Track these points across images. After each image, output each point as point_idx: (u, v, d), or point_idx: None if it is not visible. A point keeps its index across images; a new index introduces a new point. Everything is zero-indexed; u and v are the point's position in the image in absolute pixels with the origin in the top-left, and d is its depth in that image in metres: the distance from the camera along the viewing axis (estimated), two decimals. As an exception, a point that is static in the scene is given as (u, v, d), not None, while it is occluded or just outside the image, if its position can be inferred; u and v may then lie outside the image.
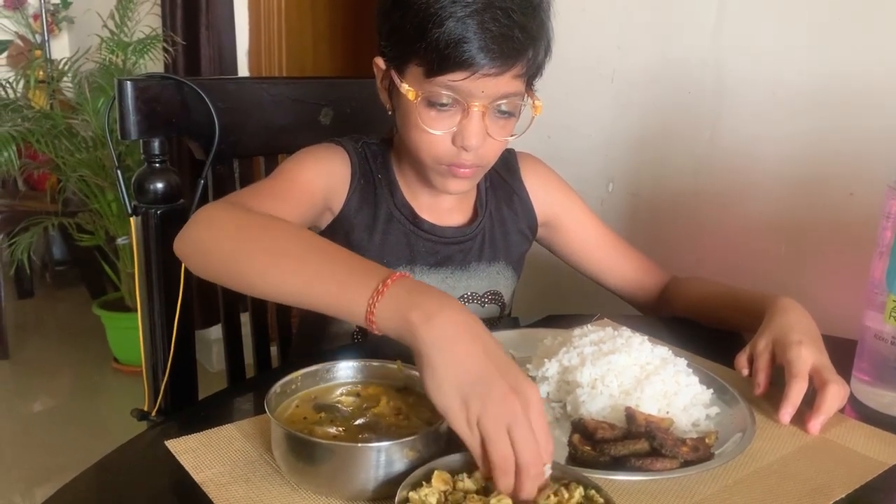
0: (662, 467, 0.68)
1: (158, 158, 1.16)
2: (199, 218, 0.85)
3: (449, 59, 0.88)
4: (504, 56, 0.88)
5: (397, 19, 0.92)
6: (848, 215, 1.26)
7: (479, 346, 0.64)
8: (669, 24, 1.51)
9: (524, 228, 1.18)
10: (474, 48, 0.87)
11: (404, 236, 1.08)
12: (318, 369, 0.75)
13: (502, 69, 0.89)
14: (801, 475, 0.71)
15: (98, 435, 2.51)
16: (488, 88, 0.90)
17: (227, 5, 2.89)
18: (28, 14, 3.89)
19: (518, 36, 0.89)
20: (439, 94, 0.91)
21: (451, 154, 0.95)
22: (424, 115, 0.93)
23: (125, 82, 1.12)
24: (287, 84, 1.36)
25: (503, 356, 0.65)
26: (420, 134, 0.95)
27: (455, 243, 1.11)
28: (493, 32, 0.87)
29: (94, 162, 2.76)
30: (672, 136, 1.54)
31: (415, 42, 0.90)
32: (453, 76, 0.89)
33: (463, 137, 0.93)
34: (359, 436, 0.67)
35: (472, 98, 0.91)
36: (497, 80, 0.90)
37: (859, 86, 1.24)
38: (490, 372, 0.62)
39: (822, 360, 0.83)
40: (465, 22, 0.86)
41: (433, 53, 0.88)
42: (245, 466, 0.69)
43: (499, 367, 0.63)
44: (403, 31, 0.91)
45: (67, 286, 3.84)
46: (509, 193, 1.17)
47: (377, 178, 1.09)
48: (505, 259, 1.16)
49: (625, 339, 0.85)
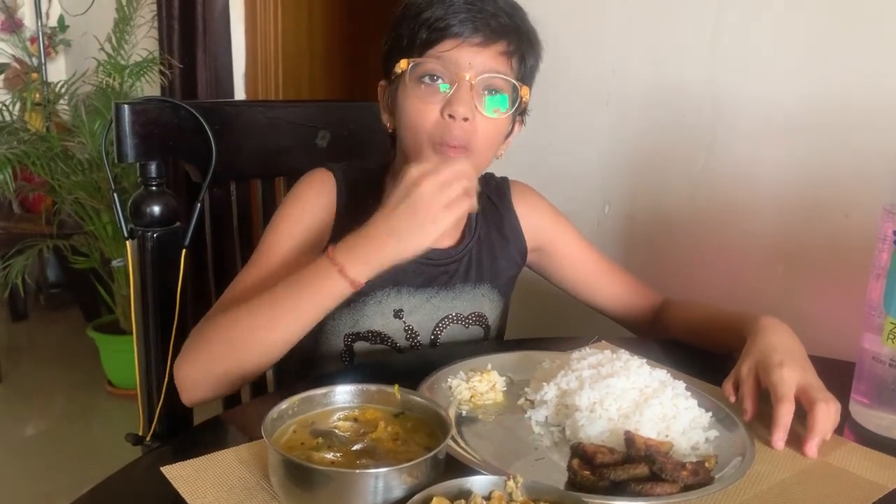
0: (663, 492, 0.68)
1: (155, 181, 1.16)
2: (184, 361, 0.95)
3: (436, 31, 0.96)
4: (488, 28, 0.97)
5: (393, 34, 1.02)
6: (844, 237, 1.26)
7: (397, 210, 0.88)
8: (665, 48, 1.53)
9: (514, 254, 1.19)
10: (460, 18, 0.96)
11: None
12: (314, 394, 0.74)
13: (487, 40, 0.97)
14: (802, 499, 0.71)
15: (91, 459, 2.48)
16: (475, 60, 0.97)
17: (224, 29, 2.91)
18: (25, 37, 3.91)
19: (502, 17, 0.98)
20: (429, 64, 0.97)
21: (439, 128, 0.98)
22: (415, 88, 0.99)
23: (122, 106, 1.12)
24: (284, 107, 1.37)
25: (398, 192, 0.89)
26: (411, 108, 0.99)
27: (440, 265, 1.12)
28: (478, 7, 0.97)
29: (89, 184, 2.76)
30: (668, 159, 1.55)
31: (408, 36, 0.99)
32: (442, 46, 0.96)
33: (450, 104, 0.96)
34: (357, 461, 0.67)
35: (460, 68, 0.96)
36: (483, 51, 0.97)
37: (855, 108, 1.25)
38: (409, 199, 0.87)
39: (806, 378, 0.83)
40: (452, 1, 0.97)
41: (423, 32, 0.97)
42: (242, 493, 0.68)
43: (405, 195, 0.88)
44: (398, 35, 1.01)
45: (61, 308, 3.82)
46: (500, 220, 1.19)
47: (368, 200, 1.08)
48: (490, 282, 1.16)
49: (623, 362, 0.85)
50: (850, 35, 1.25)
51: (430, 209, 0.86)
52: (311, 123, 1.33)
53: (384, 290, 1.09)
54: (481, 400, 0.87)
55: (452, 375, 0.90)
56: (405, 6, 1.01)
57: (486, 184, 1.19)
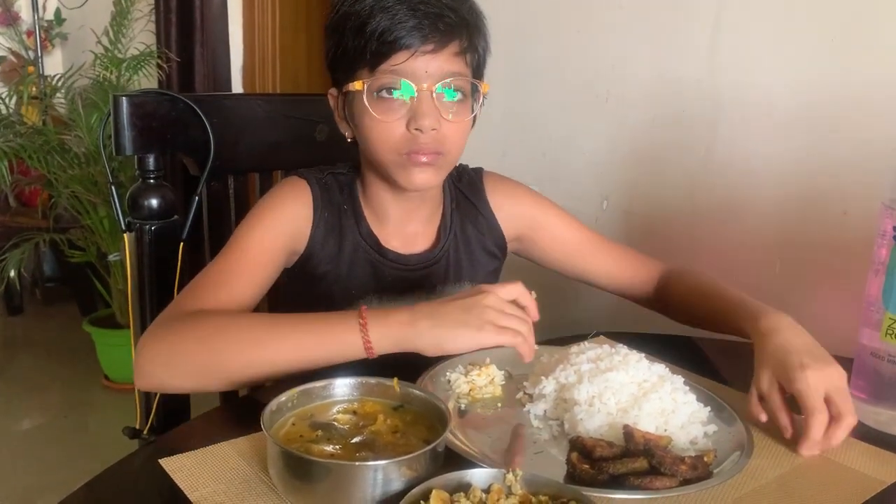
0: (662, 485, 0.68)
1: (153, 174, 1.16)
2: (154, 341, 0.88)
3: (386, 45, 0.92)
4: (439, 32, 0.93)
5: (337, 43, 0.98)
6: (842, 233, 1.27)
7: (450, 302, 0.84)
8: (664, 43, 1.53)
9: (491, 247, 1.18)
10: (408, 28, 0.92)
11: (370, 266, 1.08)
12: (313, 387, 0.74)
13: (439, 45, 0.94)
14: (800, 494, 0.71)
15: (87, 453, 2.48)
16: (430, 67, 0.94)
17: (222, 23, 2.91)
18: (21, 30, 3.89)
19: (448, 15, 0.94)
20: (385, 80, 0.94)
21: (407, 140, 0.96)
22: (375, 106, 0.95)
23: (121, 98, 1.12)
24: (282, 101, 1.36)
25: (461, 293, 0.86)
26: (374, 125, 0.96)
27: (421, 268, 1.10)
28: (423, 11, 0.92)
29: (86, 178, 2.75)
30: (667, 154, 1.55)
31: (355, 49, 0.95)
32: (395, 59, 0.93)
33: (416, 118, 0.94)
34: (356, 454, 0.67)
35: (417, 80, 0.94)
36: (437, 56, 0.94)
37: (853, 104, 1.25)
38: (468, 300, 0.84)
39: (832, 380, 0.79)
40: (395, 9, 0.92)
41: (373, 45, 0.93)
42: (240, 485, 0.68)
43: (467, 295, 0.85)
44: (344, 47, 0.97)
45: (57, 303, 3.81)
46: (474, 213, 1.16)
47: (343, 208, 1.08)
48: (470, 280, 1.15)
49: (622, 357, 0.85)
50: (850, 31, 1.25)
51: (481, 316, 0.82)
52: (310, 117, 1.33)
53: (366, 299, 1.07)
54: (480, 394, 0.87)
55: (451, 369, 0.90)
56: (343, 14, 0.96)
57: (459, 177, 1.17)
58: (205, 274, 0.98)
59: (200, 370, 0.86)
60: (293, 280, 1.08)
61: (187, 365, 0.86)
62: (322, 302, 1.06)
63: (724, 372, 0.93)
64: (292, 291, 1.11)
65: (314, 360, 0.84)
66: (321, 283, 1.08)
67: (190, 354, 0.86)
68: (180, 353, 0.86)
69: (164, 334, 0.88)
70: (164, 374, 0.88)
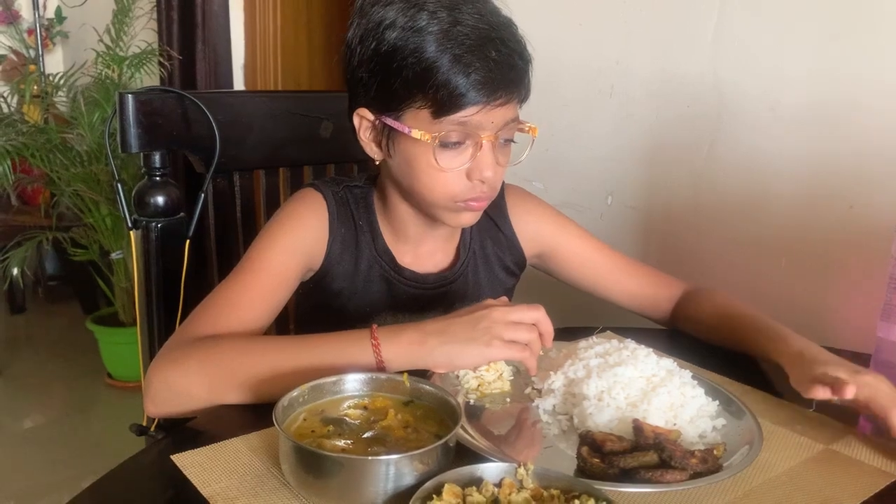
0: (672, 479, 0.68)
1: (159, 171, 1.16)
2: (167, 368, 0.86)
3: (460, 97, 0.88)
4: (511, 84, 0.90)
5: (387, 71, 0.91)
6: (847, 228, 1.27)
7: (457, 318, 0.85)
8: (668, 39, 1.52)
9: (510, 264, 1.17)
10: (481, 83, 0.88)
11: (386, 284, 1.07)
12: (325, 382, 0.74)
13: (509, 97, 0.91)
14: (810, 487, 0.71)
15: (91, 452, 2.48)
16: (497, 118, 0.91)
17: (223, 20, 2.91)
18: (22, 29, 3.89)
19: (518, 63, 0.91)
20: (452, 133, 0.91)
21: (467, 190, 0.94)
22: (440, 155, 0.92)
23: (126, 95, 1.12)
24: (287, 98, 1.36)
25: (468, 308, 0.87)
26: (435, 175, 0.93)
27: (437, 288, 1.09)
28: (497, 62, 0.88)
29: (88, 176, 2.75)
30: (671, 150, 1.55)
31: (415, 87, 0.89)
32: (465, 112, 0.89)
33: (480, 171, 0.93)
34: (368, 449, 0.67)
35: (482, 130, 0.91)
36: (505, 108, 0.91)
37: (857, 100, 1.25)
38: (475, 315, 0.84)
39: (881, 381, 0.79)
40: (468, 58, 0.87)
41: (442, 93, 0.88)
42: (253, 480, 0.68)
43: (473, 310, 0.85)
44: (399, 80, 0.90)
45: (60, 301, 3.82)
46: (495, 231, 1.15)
47: (358, 223, 1.07)
48: (492, 297, 1.13)
49: (630, 352, 0.85)
50: (854, 26, 1.25)
51: (489, 332, 0.82)
52: (315, 114, 1.33)
53: (380, 317, 1.06)
54: (488, 389, 0.87)
55: (460, 365, 0.90)
56: (395, 48, 0.89)
57: None
58: (217, 295, 0.96)
59: (213, 396, 0.84)
60: (308, 294, 1.07)
61: (201, 392, 0.85)
62: (336, 317, 1.04)
63: (730, 366, 0.93)
64: (307, 304, 1.10)
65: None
66: (336, 300, 1.07)
67: (204, 382, 0.84)
68: (195, 381, 0.85)
69: (177, 360, 0.87)
70: (176, 400, 0.86)
